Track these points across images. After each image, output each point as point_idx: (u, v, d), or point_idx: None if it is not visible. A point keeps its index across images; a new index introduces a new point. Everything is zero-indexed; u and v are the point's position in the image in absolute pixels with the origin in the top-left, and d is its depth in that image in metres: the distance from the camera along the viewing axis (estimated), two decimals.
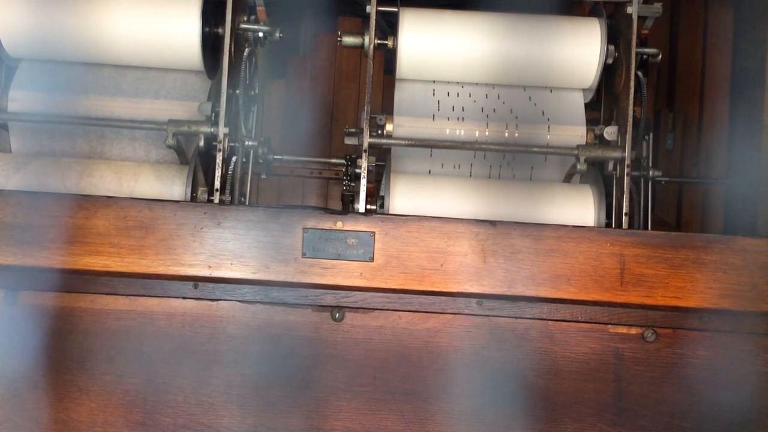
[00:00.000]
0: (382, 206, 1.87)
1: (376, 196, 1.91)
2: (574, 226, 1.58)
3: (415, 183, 1.92)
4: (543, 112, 2.00)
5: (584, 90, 2.04)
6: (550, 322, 1.60)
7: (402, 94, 2.02)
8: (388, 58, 2.12)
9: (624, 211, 1.79)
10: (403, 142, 1.90)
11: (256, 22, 2.03)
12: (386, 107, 2.12)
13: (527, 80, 2.01)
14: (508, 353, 1.60)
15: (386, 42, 1.95)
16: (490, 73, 1.99)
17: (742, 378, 1.60)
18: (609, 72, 1.98)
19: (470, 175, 2.01)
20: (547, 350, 1.60)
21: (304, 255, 1.53)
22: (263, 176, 2.24)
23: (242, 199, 2.11)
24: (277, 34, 2.03)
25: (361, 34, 1.92)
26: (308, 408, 1.59)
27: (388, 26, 2.02)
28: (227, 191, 1.86)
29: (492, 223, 1.55)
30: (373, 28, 1.85)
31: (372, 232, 1.54)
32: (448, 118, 1.99)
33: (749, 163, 2.61)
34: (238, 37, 1.95)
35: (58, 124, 1.90)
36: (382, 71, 2.51)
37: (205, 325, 1.59)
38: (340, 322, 1.60)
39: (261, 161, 2.13)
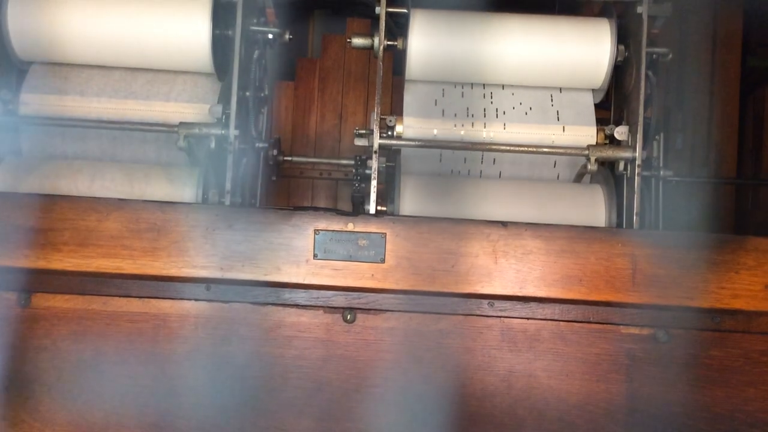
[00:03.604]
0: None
1: (386, 197, 1.91)
2: (585, 227, 1.57)
3: (426, 184, 1.92)
4: (553, 113, 2.00)
5: (594, 90, 2.04)
6: (561, 322, 1.60)
7: (411, 95, 2.02)
8: (397, 58, 2.12)
9: (635, 211, 1.79)
10: (413, 143, 1.90)
11: (266, 24, 2.04)
12: (395, 108, 2.12)
13: (537, 81, 2.01)
14: (519, 354, 1.60)
15: (395, 43, 1.95)
16: (500, 73, 1.99)
17: (755, 378, 1.60)
18: (619, 72, 1.98)
19: (480, 176, 2.01)
20: (559, 351, 1.60)
21: (315, 256, 1.53)
22: (273, 178, 2.24)
23: (253, 200, 2.12)
24: (287, 36, 2.03)
25: (370, 35, 1.92)
26: (320, 409, 1.59)
27: (397, 27, 2.02)
28: (238, 193, 1.87)
29: (503, 223, 1.55)
30: (383, 29, 1.85)
31: (383, 233, 1.54)
32: (458, 119, 1.99)
33: (759, 162, 2.61)
34: (248, 39, 1.96)
35: (70, 127, 1.91)
36: (391, 72, 2.51)
37: (217, 327, 1.59)
38: (352, 323, 1.60)
39: (271, 163, 2.14)
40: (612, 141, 1.91)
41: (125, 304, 1.59)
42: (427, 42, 1.94)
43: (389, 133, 1.91)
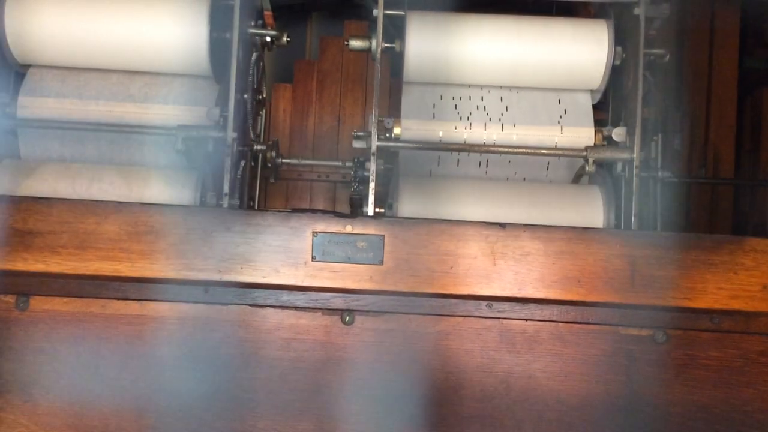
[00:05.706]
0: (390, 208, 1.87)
1: (384, 199, 1.91)
2: (583, 228, 1.57)
3: (424, 186, 1.92)
4: (551, 114, 2.00)
5: (592, 91, 2.04)
6: (560, 324, 1.60)
7: (409, 97, 2.02)
8: (395, 61, 2.12)
9: (633, 212, 1.79)
10: (411, 145, 1.90)
11: (264, 26, 2.04)
12: (393, 110, 2.12)
13: (535, 82, 2.01)
14: (518, 356, 1.60)
15: (393, 45, 1.95)
16: (498, 75, 1.99)
17: (753, 379, 1.60)
18: (617, 73, 1.98)
19: (478, 178, 2.01)
20: (558, 352, 1.60)
21: (313, 259, 1.53)
22: (272, 180, 2.24)
23: (251, 203, 2.12)
24: (285, 39, 2.03)
25: (368, 37, 1.92)
26: (319, 412, 1.59)
27: (395, 29, 2.02)
28: (236, 195, 1.87)
29: (501, 225, 1.55)
30: (381, 31, 1.85)
31: (381, 235, 1.54)
32: (456, 121, 1.99)
33: (757, 163, 2.61)
34: (246, 42, 1.96)
35: (68, 130, 1.91)
36: (389, 74, 2.51)
37: (215, 330, 1.59)
38: (351, 325, 1.60)
39: (269, 165, 2.14)
40: (610, 142, 1.92)
41: (123, 307, 1.58)
42: (424, 44, 1.95)
43: (387, 135, 1.91)
